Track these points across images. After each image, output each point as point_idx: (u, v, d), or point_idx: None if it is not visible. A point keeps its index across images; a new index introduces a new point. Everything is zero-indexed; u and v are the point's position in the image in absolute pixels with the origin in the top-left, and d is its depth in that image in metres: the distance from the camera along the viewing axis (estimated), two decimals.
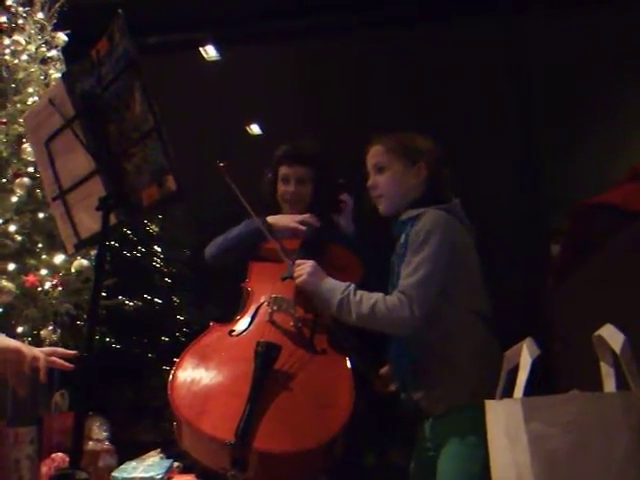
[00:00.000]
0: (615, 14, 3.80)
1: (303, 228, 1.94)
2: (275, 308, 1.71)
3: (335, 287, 1.61)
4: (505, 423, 1.00)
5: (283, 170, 2.09)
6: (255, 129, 5.09)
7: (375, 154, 1.75)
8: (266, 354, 1.51)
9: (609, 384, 1.03)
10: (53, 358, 1.53)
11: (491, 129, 4.40)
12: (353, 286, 1.60)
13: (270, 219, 2.01)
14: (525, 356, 1.02)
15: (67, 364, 1.56)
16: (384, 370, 1.74)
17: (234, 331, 1.69)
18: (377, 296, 1.55)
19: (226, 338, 1.67)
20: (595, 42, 3.92)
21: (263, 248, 1.95)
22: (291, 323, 1.69)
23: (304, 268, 1.68)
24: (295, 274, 1.69)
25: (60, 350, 1.60)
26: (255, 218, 1.90)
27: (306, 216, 1.98)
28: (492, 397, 1.12)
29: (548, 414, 0.94)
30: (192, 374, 1.53)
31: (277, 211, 2.10)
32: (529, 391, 1.00)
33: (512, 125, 4.09)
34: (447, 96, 4.36)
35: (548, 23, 3.99)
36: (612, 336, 1.00)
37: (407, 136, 1.76)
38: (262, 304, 1.76)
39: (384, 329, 1.57)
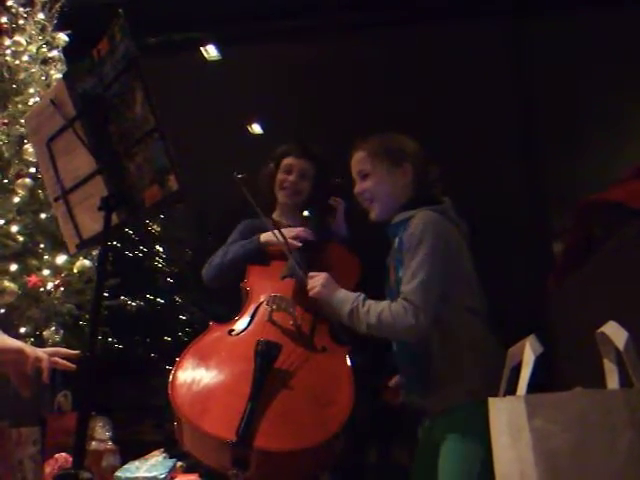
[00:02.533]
0: (618, 14, 3.79)
1: (298, 244, 1.91)
2: (274, 307, 1.71)
3: (345, 298, 1.61)
4: (508, 420, 0.99)
5: (287, 160, 2.11)
6: (256, 128, 5.09)
7: (358, 161, 1.74)
8: (266, 353, 1.51)
9: (612, 381, 1.03)
10: (56, 358, 1.54)
11: (493, 129, 4.39)
12: (362, 297, 1.60)
13: (263, 237, 1.98)
14: (528, 353, 1.02)
15: (70, 364, 1.56)
16: (393, 381, 1.73)
17: (234, 330, 1.70)
18: (383, 305, 1.55)
19: (226, 337, 1.67)
20: (597, 42, 3.92)
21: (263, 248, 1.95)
22: (290, 322, 1.69)
23: (317, 280, 1.67)
24: (309, 286, 1.69)
25: (63, 350, 1.60)
26: (268, 222, 1.89)
27: (299, 230, 1.97)
28: (491, 395, 1.12)
29: (551, 411, 0.93)
30: (192, 374, 1.53)
31: (272, 205, 2.12)
32: (532, 388, 1.00)
33: (514, 125, 4.09)
34: (449, 96, 4.35)
35: (551, 24, 3.99)
36: (615, 333, 1.00)
37: (389, 138, 1.74)
38: (261, 303, 1.77)
39: (393, 337, 1.58)
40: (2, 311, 2.43)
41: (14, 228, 2.57)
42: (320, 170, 2.11)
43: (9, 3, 2.93)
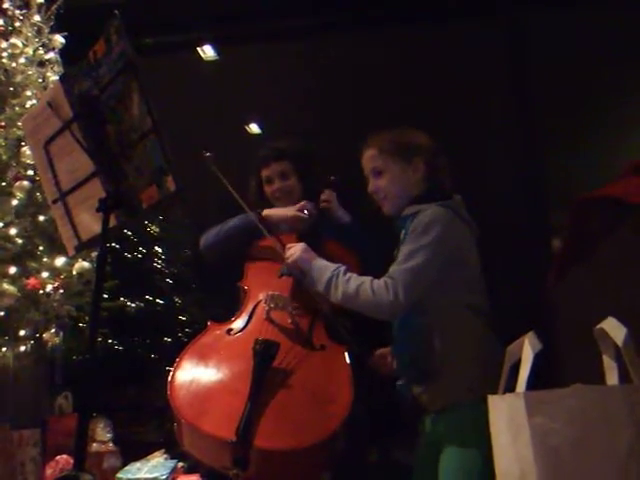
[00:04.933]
0: (617, 10, 3.79)
1: (304, 215, 1.93)
2: (272, 305, 1.72)
3: (326, 266, 1.63)
4: (508, 418, 0.99)
5: (265, 172, 2.11)
6: (254, 128, 5.09)
7: (370, 158, 1.74)
8: (264, 352, 1.52)
9: (612, 377, 1.03)
10: None
11: (493, 125, 4.39)
12: (344, 267, 1.61)
13: (266, 212, 2.00)
14: (527, 350, 1.02)
15: None
16: (381, 350, 1.74)
17: (232, 330, 1.70)
18: (366, 278, 1.56)
19: (224, 337, 1.67)
20: (596, 38, 3.91)
21: (258, 246, 1.95)
22: (289, 320, 1.69)
23: (296, 248, 1.69)
24: (287, 254, 1.69)
25: None
26: (249, 212, 1.89)
27: (302, 204, 1.97)
28: (491, 392, 1.12)
29: (551, 408, 0.94)
30: (191, 374, 1.53)
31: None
32: (532, 385, 1.00)
33: (514, 121, 4.09)
34: (449, 93, 4.35)
35: (550, 20, 3.98)
36: (614, 329, 1.00)
37: (400, 133, 1.74)
38: (259, 302, 1.77)
39: (367, 311, 1.57)
40: (1, 314, 2.43)
41: (12, 231, 2.56)
42: (298, 163, 2.10)
43: (5, 5, 2.92)
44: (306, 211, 1.95)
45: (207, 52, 4.46)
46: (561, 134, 4.35)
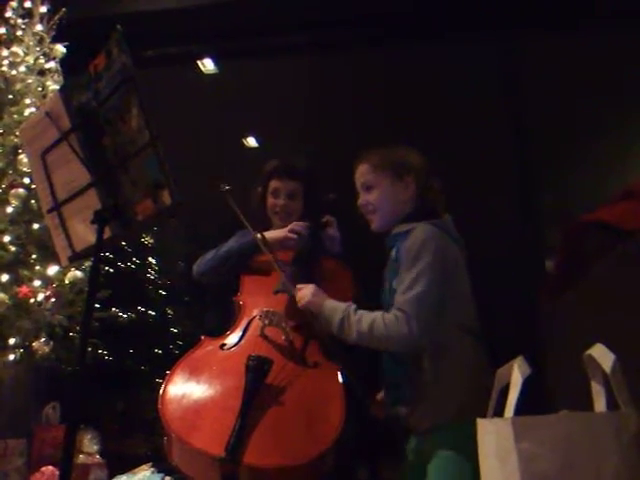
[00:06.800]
0: (611, 31, 3.85)
1: (293, 236, 1.94)
2: (267, 322, 1.71)
3: (336, 307, 1.61)
4: (496, 442, 1.00)
5: (274, 184, 2.11)
6: (252, 142, 5.11)
7: (362, 173, 1.75)
8: (257, 368, 1.51)
9: (599, 404, 1.03)
10: None
11: (487, 145, 4.42)
12: (354, 306, 1.60)
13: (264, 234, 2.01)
14: (516, 375, 1.02)
15: None
16: (381, 395, 1.73)
17: (225, 345, 1.69)
18: (376, 314, 1.55)
19: (217, 352, 1.67)
20: (591, 58, 3.96)
21: (255, 261, 1.95)
22: (282, 337, 1.69)
23: (306, 291, 1.68)
24: (297, 297, 1.69)
25: None
26: (253, 233, 1.89)
27: (293, 224, 1.99)
28: (479, 414, 1.12)
29: (538, 434, 0.94)
30: (183, 388, 1.53)
31: (267, 225, 2.11)
32: (521, 410, 1.00)
33: (508, 141, 4.12)
34: (443, 112, 4.39)
35: (544, 40, 4.03)
36: (602, 356, 1.00)
37: (393, 151, 1.76)
38: (254, 318, 1.77)
39: (384, 347, 1.57)
40: None
41: (6, 238, 2.57)
42: (309, 186, 2.11)
43: (7, 14, 2.95)
44: (295, 234, 1.96)
45: (207, 65, 4.49)
46: (556, 155, 4.39)
